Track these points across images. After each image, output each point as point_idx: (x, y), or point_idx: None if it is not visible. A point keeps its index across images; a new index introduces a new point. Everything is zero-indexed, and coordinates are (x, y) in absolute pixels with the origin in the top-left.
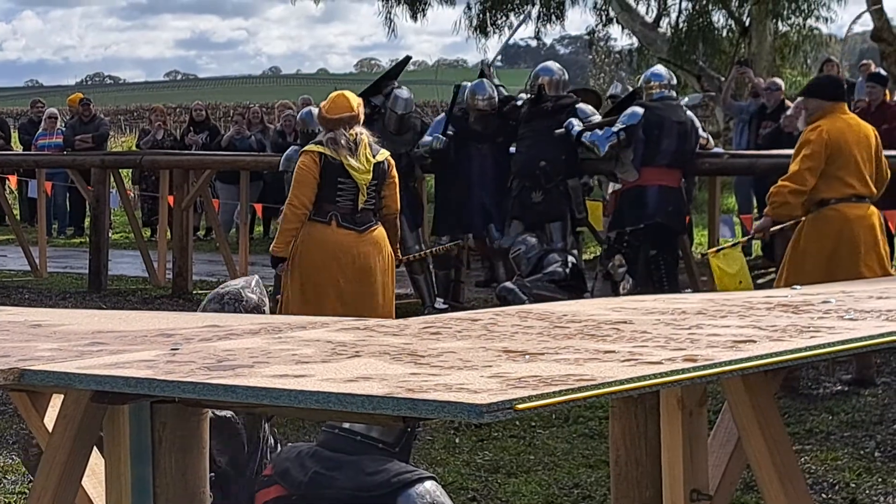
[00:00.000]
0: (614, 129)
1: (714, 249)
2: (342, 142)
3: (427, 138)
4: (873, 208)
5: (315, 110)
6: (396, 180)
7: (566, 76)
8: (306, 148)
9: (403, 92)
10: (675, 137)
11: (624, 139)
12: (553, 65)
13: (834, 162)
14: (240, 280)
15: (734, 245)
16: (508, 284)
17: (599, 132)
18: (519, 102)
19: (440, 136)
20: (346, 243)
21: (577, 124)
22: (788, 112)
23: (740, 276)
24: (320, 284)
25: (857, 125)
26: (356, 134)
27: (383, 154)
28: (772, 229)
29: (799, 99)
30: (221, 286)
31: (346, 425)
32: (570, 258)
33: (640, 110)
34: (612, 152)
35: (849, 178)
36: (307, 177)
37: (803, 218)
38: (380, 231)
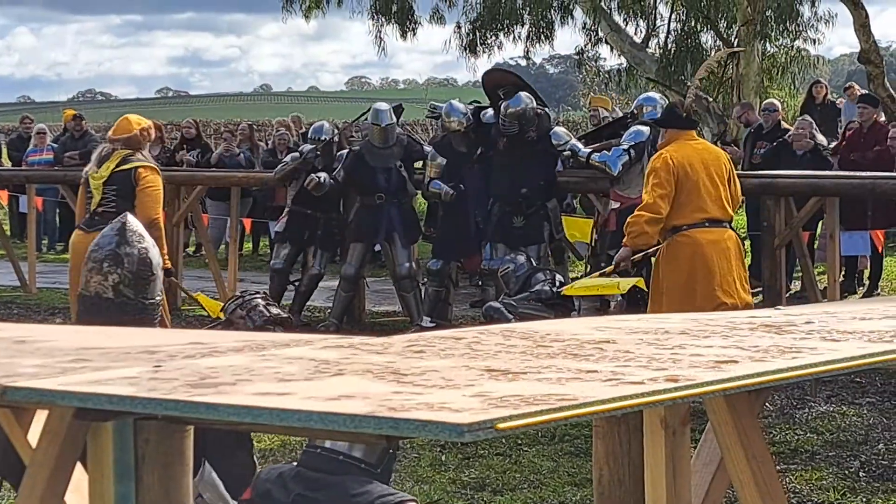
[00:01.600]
0: (623, 147)
1: (569, 286)
2: (94, 155)
3: (437, 186)
4: (730, 232)
5: (327, 125)
6: (147, 190)
7: (534, 102)
8: None
9: (382, 105)
10: None
11: (634, 157)
12: (523, 95)
13: (682, 188)
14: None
15: (593, 276)
16: (494, 304)
17: (608, 153)
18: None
19: (450, 189)
20: (76, 244)
21: (581, 147)
22: (799, 130)
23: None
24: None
25: (705, 150)
26: (112, 148)
27: (132, 164)
28: (632, 258)
29: (801, 118)
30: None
31: (329, 445)
32: (558, 276)
33: (644, 129)
34: (622, 170)
35: (699, 203)
36: (80, 191)
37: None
38: None
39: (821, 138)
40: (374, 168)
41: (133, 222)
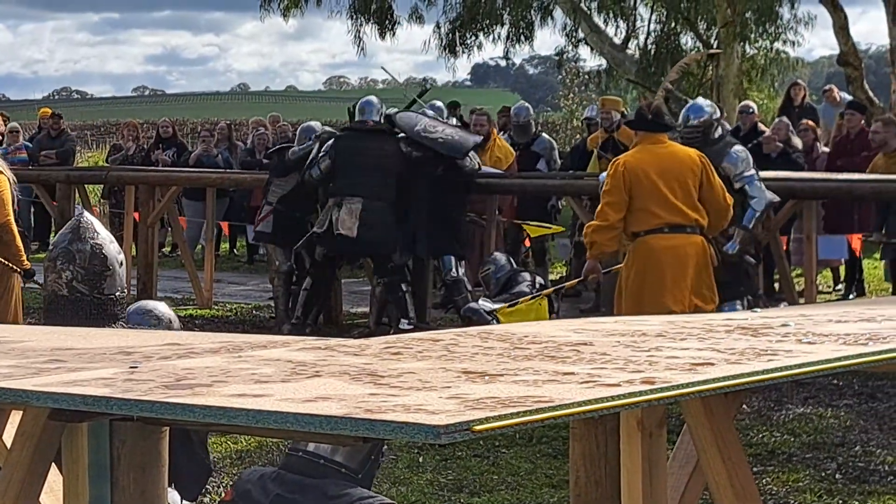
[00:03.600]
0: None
1: (507, 306)
2: None
3: None
4: (695, 238)
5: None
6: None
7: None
8: None
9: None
10: None
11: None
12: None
13: (637, 193)
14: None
15: (534, 298)
16: (473, 305)
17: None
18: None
19: None
20: None
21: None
22: (767, 133)
23: None
24: None
25: (669, 154)
26: None
27: None
28: (603, 271)
29: (778, 120)
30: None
31: (311, 448)
32: (538, 279)
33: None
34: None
35: (654, 209)
36: None
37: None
38: None
39: (796, 141)
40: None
41: (88, 219)
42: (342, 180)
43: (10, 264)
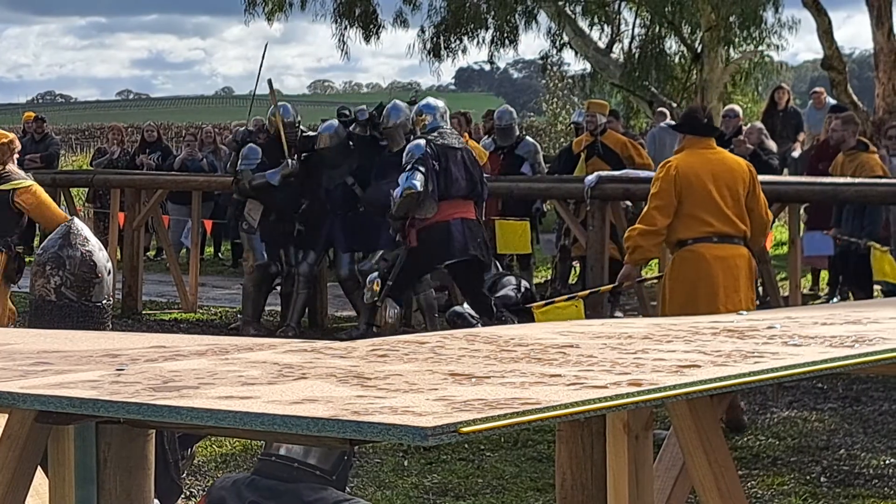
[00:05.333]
0: (409, 169)
1: (541, 303)
2: None
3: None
4: (743, 249)
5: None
6: (41, 201)
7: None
8: None
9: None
10: (461, 166)
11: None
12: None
13: (686, 199)
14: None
15: (570, 299)
16: (458, 309)
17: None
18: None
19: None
20: None
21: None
22: (740, 136)
23: None
24: None
25: (720, 160)
26: None
27: (9, 185)
28: (638, 280)
29: (752, 124)
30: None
31: (283, 452)
32: (524, 283)
33: (422, 142)
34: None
35: (705, 216)
36: None
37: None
38: None
39: (770, 144)
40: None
41: (79, 225)
42: None
43: None
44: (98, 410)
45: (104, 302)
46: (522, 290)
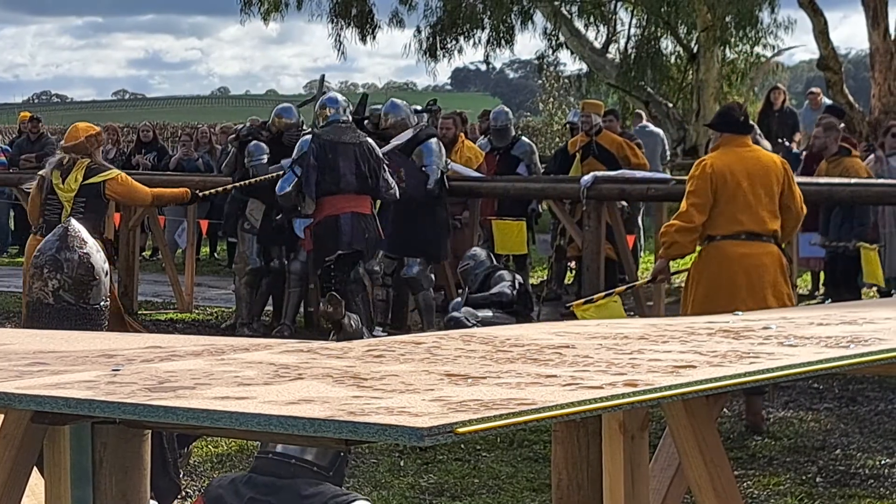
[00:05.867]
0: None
1: (581, 301)
2: (55, 163)
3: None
4: (771, 247)
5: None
6: (127, 189)
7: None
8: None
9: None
10: (351, 162)
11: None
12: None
13: (720, 197)
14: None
15: (608, 296)
16: (455, 314)
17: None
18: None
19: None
20: (31, 248)
21: None
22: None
23: None
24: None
25: (755, 159)
26: (74, 158)
27: (100, 178)
28: (672, 273)
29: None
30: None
31: (280, 449)
32: (518, 277)
33: (307, 138)
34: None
35: (737, 215)
36: (32, 197)
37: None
38: None
39: (765, 144)
40: None
41: (76, 227)
42: None
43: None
44: (94, 411)
45: (101, 304)
46: (517, 286)
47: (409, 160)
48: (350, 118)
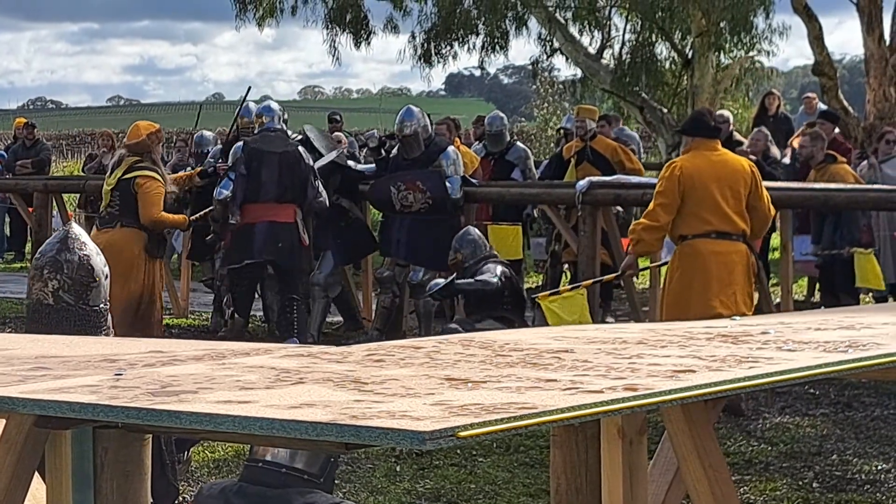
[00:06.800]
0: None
1: (547, 293)
2: (108, 161)
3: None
4: (740, 246)
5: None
6: (143, 195)
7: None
8: None
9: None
10: (275, 170)
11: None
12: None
13: (689, 198)
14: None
15: (574, 288)
16: (452, 325)
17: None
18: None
19: None
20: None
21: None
22: (744, 146)
23: (578, 322)
24: None
25: (722, 162)
26: (122, 156)
27: (134, 173)
28: (640, 269)
29: (759, 129)
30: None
31: (269, 458)
32: (505, 269)
33: (240, 144)
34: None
35: (705, 215)
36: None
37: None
38: (118, 233)
39: (774, 151)
40: None
41: (76, 230)
42: None
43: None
44: (98, 415)
45: (101, 306)
46: (501, 277)
47: (429, 172)
48: (283, 126)
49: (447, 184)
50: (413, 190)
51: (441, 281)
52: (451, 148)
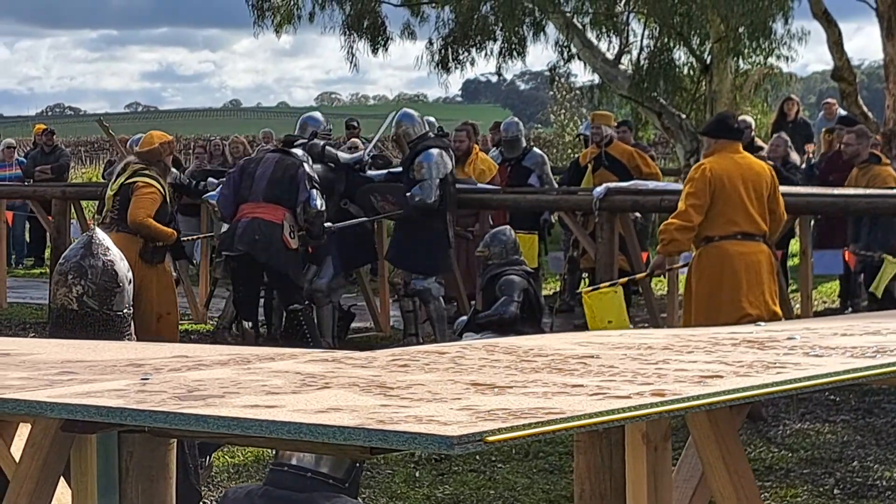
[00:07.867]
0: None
1: (590, 288)
2: (122, 166)
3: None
4: (763, 247)
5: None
6: (136, 197)
7: None
8: None
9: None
10: (269, 168)
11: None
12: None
13: (718, 199)
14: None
15: (612, 286)
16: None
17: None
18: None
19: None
20: None
21: None
22: (764, 152)
23: (613, 317)
24: None
25: (747, 164)
26: (129, 162)
27: (135, 178)
28: (674, 267)
29: (779, 135)
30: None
31: (295, 462)
32: (528, 286)
33: None
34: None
35: (733, 216)
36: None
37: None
38: (115, 238)
39: (794, 157)
40: None
41: (100, 235)
42: None
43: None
44: (125, 419)
45: (125, 311)
46: (520, 297)
47: (395, 187)
48: (308, 135)
49: (412, 190)
50: (385, 202)
51: (464, 319)
52: (434, 151)
